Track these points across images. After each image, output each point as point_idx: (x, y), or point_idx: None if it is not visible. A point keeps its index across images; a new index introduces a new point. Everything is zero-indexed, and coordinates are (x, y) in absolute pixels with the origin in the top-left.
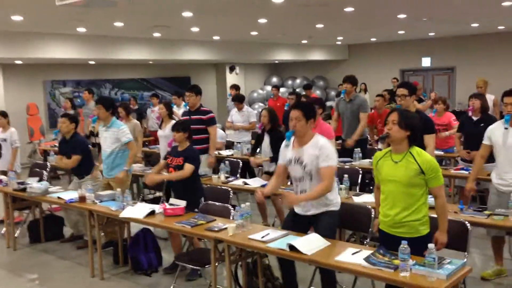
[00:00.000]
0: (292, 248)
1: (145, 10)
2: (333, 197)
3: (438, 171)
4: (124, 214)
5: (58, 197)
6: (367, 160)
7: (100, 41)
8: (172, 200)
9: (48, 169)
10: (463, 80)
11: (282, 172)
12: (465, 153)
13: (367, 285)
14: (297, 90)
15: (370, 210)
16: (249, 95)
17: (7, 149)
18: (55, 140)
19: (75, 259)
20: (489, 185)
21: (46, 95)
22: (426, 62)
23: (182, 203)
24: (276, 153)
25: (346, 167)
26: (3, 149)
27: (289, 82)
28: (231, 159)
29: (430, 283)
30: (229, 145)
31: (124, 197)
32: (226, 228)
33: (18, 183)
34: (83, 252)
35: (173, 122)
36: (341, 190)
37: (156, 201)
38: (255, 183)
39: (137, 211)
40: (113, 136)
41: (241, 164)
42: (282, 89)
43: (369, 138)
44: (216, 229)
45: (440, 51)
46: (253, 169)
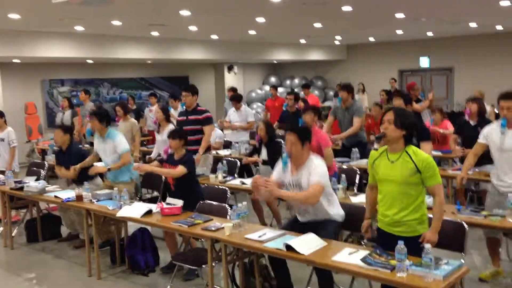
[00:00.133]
0: (289, 248)
1: (142, 9)
2: (334, 211)
3: (435, 169)
4: (121, 213)
5: (55, 196)
6: (365, 160)
7: (98, 40)
8: (169, 199)
9: (45, 168)
10: (461, 80)
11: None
12: (460, 151)
13: (364, 285)
14: (296, 90)
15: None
16: (247, 95)
17: (4, 149)
18: (53, 140)
19: (72, 259)
20: (487, 185)
21: (44, 94)
22: (425, 62)
23: (179, 203)
24: (274, 163)
25: (344, 167)
26: (1, 149)
27: (288, 82)
28: (228, 159)
29: (426, 284)
30: (227, 144)
31: (121, 197)
32: (223, 227)
33: (15, 182)
34: (80, 252)
35: (171, 125)
36: (338, 190)
37: (154, 200)
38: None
39: (134, 210)
40: (111, 147)
41: (238, 164)
42: (280, 89)
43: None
44: (213, 229)
45: (438, 51)
46: (251, 169)
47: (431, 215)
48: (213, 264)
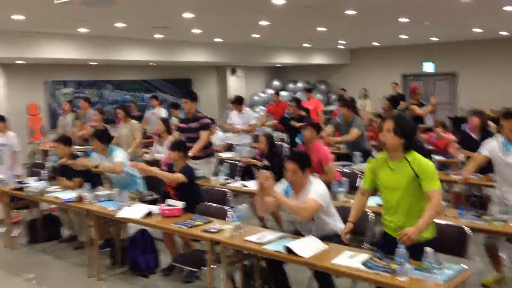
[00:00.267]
0: (288, 250)
1: (146, 11)
2: (337, 228)
3: (433, 173)
4: (121, 214)
5: (55, 197)
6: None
7: (101, 42)
8: (169, 201)
9: (47, 169)
10: (465, 85)
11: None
12: (461, 151)
13: None
14: (298, 94)
15: (368, 214)
16: (250, 98)
17: (6, 156)
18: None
19: (73, 259)
20: (490, 191)
21: (47, 95)
22: (429, 67)
23: (179, 204)
24: (276, 175)
25: (345, 170)
26: (3, 155)
27: (291, 85)
28: (230, 161)
29: None
30: (228, 147)
31: (121, 197)
32: (223, 229)
33: (16, 182)
34: (81, 253)
35: (171, 138)
36: (339, 193)
37: (154, 202)
38: (254, 185)
39: (135, 211)
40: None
41: (240, 164)
42: (283, 93)
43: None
44: (213, 231)
45: (442, 56)
46: (252, 172)
47: (436, 220)
48: (213, 266)
